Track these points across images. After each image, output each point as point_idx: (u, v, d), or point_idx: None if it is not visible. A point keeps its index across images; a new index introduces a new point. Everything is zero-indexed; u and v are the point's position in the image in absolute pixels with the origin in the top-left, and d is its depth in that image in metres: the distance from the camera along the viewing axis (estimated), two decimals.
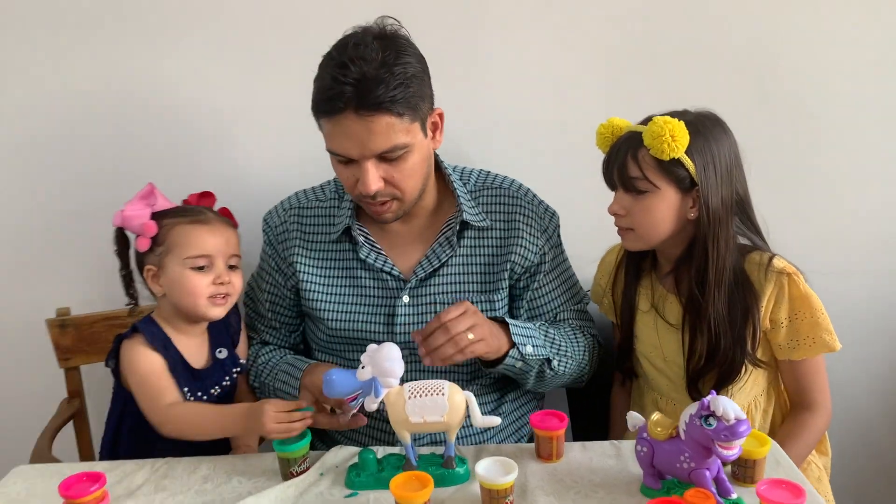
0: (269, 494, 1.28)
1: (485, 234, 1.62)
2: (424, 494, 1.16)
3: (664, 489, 1.24)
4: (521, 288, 1.65)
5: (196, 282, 1.49)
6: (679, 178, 1.45)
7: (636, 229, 1.51)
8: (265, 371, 1.66)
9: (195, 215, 1.53)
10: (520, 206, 1.63)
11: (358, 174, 1.44)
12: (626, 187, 1.49)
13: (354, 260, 1.62)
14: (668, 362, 1.61)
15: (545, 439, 1.35)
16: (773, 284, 1.49)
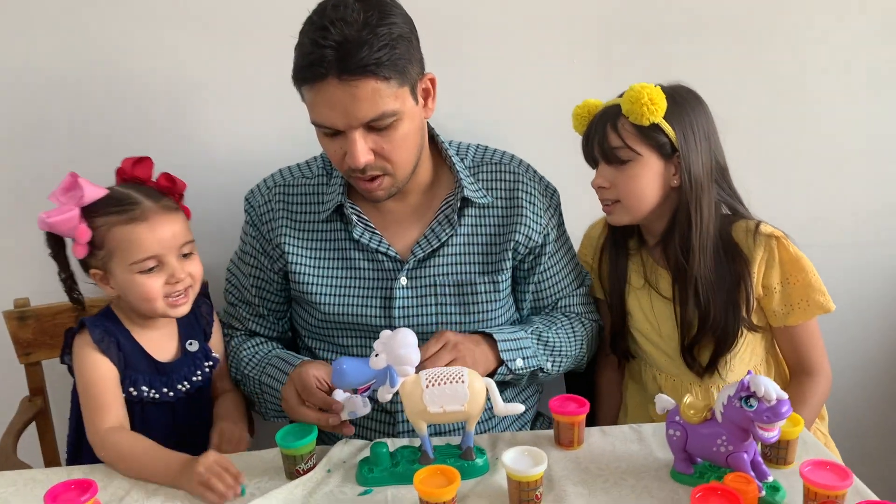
0: (277, 496, 1.19)
1: (486, 212, 1.54)
2: (451, 490, 1.09)
3: (697, 474, 1.19)
4: (526, 270, 1.57)
5: (148, 286, 1.35)
6: (660, 145, 1.45)
7: (623, 200, 1.50)
8: (251, 364, 1.54)
9: (130, 210, 1.34)
10: (521, 183, 1.55)
11: (345, 147, 1.35)
12: (608, 159, 1.48)
13: (347, 240, 1.52)
14: (665, 337, 1.58)
15: (566, 426, 1.29)
16: (763, 249, 1.48)
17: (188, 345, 1.48)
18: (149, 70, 1.80)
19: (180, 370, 1.45)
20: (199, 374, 1.47)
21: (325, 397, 1.30)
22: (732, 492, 1.04)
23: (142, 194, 1.37)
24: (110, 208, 1.34)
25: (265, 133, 1.86)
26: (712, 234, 1.48)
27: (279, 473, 1.26)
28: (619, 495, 1.16)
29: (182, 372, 1.45)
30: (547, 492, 1.16)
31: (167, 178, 1.42)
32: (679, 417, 1.18)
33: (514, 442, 1.31)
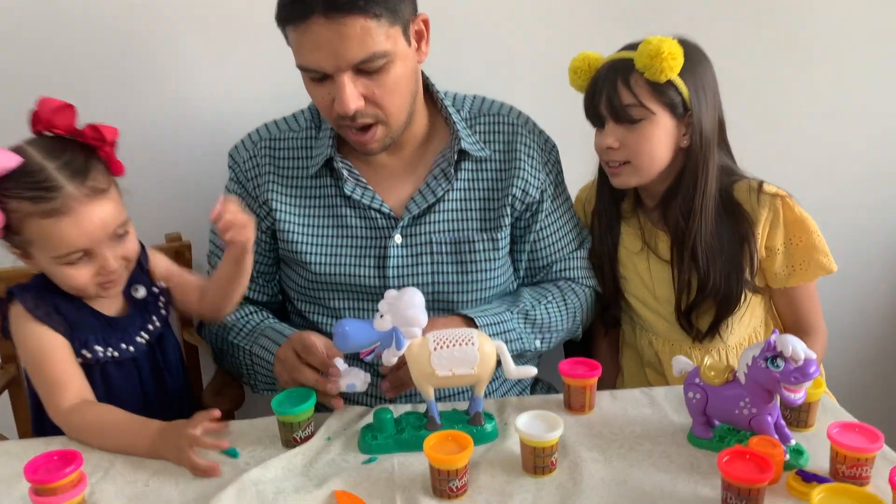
0: (276, 465, 1.11)
1: (484, 166, 1.46)
2: (464, 456, 1.02)
3: (716, 438, 1.14)
4: (522, 229, 1.50)
5: (75, 277, 1.19)
6: (673, 103, 1.39)
7: (633, 161, 1.43)
8: (242, 333, 1.45)
9: (47, 200, 1.12)
10: (520, 136, 1.48)
11: (334, 93, 1.27)
12: (619, 117, 1.40)
13: (338, 197, 1.44)
14: (662, 301, 1.53)
15: (577, 390, 1.23)
16: (768, 209, 1.44)
17: (133, 292, 1.31)
18: (123, 18, 1.68)
19: (134, 322, 1.29)
20: (155, 322, 1.32)
21: (325, 359, 1.22)
22: (762, 456, 0.99)
23: (63, 172, 1.14)
24: (24, 192, 1.12)
25: (249, 86, 1.76)
26: (714, 196, 1.43)
27: (274, 442, 1.19)
28: (636, 460, 1.11)
29: (136, 323, 1.30)
30: (561, 458, 1.11)
31: (93, 129, 1.19)
32: (699, 379, 1.13)
33: (521, 407, 1.25)
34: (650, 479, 1.07)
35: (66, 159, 1.15)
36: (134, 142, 1.72)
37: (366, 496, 1.05)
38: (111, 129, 1.20)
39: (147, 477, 1.11)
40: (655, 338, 1.57)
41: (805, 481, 1.02)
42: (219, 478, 1.10)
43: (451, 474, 1.02)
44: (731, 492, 0.98)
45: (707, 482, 1.06)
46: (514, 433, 1.16)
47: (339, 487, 1.06)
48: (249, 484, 1.06)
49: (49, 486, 0.98)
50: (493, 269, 1.46)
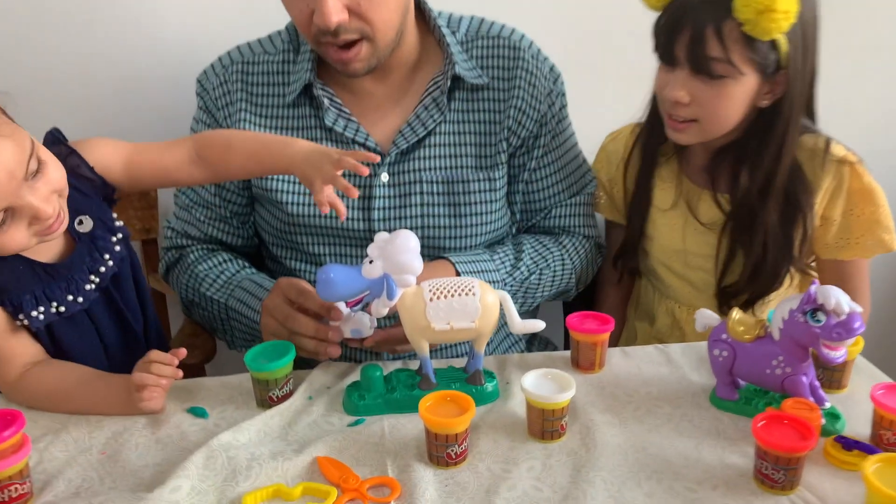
0: (249, 427, 0.98)
1: (480, 95, 1.32)
2: (465, 420, 0.90)
3: (742, 400, 1.03)
4: (517, 167, 1.36)
5: (10, 242, 0.96)
6: (765, 63, 1.17)
7: (702, 121, 1.24)
8: (216, 285, 1.30)
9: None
10: (522, 61, 1.32)
11: (313, 4, 1.12)
12: (698, 68, 1.19)
13: (317, 128, 1.29)
14: (693, 268, 1.39)
15: (587, 346, 1.11)
16: (832, 176, 1.27)
17: (77, 224, 1.06)
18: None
19: (80, 265, 1.05)
20: (107, 260, 1.07)
21: (324, 303, 1.09)
22: (802, 421, 0.88)
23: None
24: None
25: (219, 4, 1.59)
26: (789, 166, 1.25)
27: (248, 402, 1.06)
28: (655, 424, 1.00)
29: (83, 265, 1.05)
30: (571, 421, 0.99)
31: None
32: (726, 335, 1.01)
33: (524, 364, 1.13)
34: (672, 444, 0.95)
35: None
36: (94, 71, 1.59)
37: (352, 463, 0.92)
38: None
39: (103, 443, 0.98)
40: (679, 306, 1.43)
41: (846, 449, 0.91)
42: (185, 442, 0.97)
43: (449, 439, 0.90)
44: (766, 460, 0.86)
45: (735, 448, 0.94)
46: (518, 393, 1.04)
47: (322, 453, 0.93)
48: (219, 449, 0.93)
49: None
50: (489, 213, 1.33)
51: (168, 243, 1.40)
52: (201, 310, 1.34)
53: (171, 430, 1.00)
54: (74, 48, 1.57)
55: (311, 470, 0.91)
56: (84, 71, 1.59)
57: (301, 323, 1.10)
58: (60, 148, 1.06)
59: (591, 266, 1.46)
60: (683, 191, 1.37)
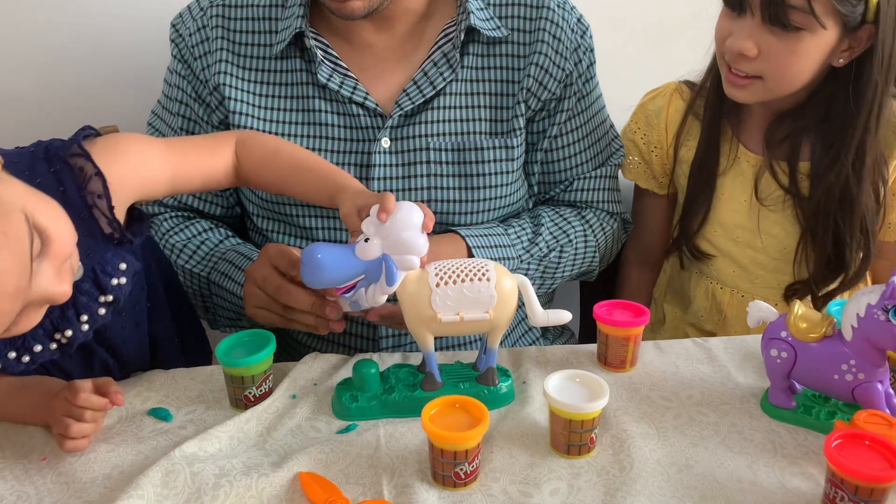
0: (220, 434, 0.83)
1: (497, 50, 1.15)
2: (477, 434, 0.75)
3: (800, 408, 0.87)
4: (536, 133, 1.20)
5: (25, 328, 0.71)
6: (851, 15, 1.02)
7: (768, 79, 1.08)
8: (196, 258, 1.15)
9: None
10: (548, 10, 1.15)
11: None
12: (773, 17, 1.02)
13: (309, 85, 1.13)
14: (740, 243, 1.24)
15: (618, 341, 0.95)
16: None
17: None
18: None
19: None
20: (83, 322, 0.82)
21: None
22: (887, 443, 0.72)
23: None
24: None
25: None
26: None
27: (220, 400, 0.91)
28: (700, 436, 0.84)
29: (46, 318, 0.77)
30: (601, 432, 0.84)
31: None
32: (786, 333, 0.85)
33: (543, 360, 0.98)
34: (721, 463, 0.80)
35: None
36: (59, 16, 1.42)
37: (341, 480, 0.77)
38: None
39: (42, 447, 0.83)
40: (721, 287, 1.28)
41: None
42: (143, 451, 0.81)
43: (458, 456, 0.75)
44: (842, 489, 0.71)
45: (797, 469, 0.80)
46: (537, 396, 0.89)
47: (306, 468, 0.78)
48: (182, 462, 0.77)
49: None
50: (505, 185, 1.17)
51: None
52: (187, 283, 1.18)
53: (126, 434, 0.85)
54: None
55: (291, 489, 0.76)
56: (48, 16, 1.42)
57: (295, 297, 0.94)
58: (85, 165, 0.81)
59: (615, 244, 1.30)
60: (738, 156, 1.21)
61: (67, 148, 0.82)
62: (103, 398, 0.80)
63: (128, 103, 1.43)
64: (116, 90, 1.47)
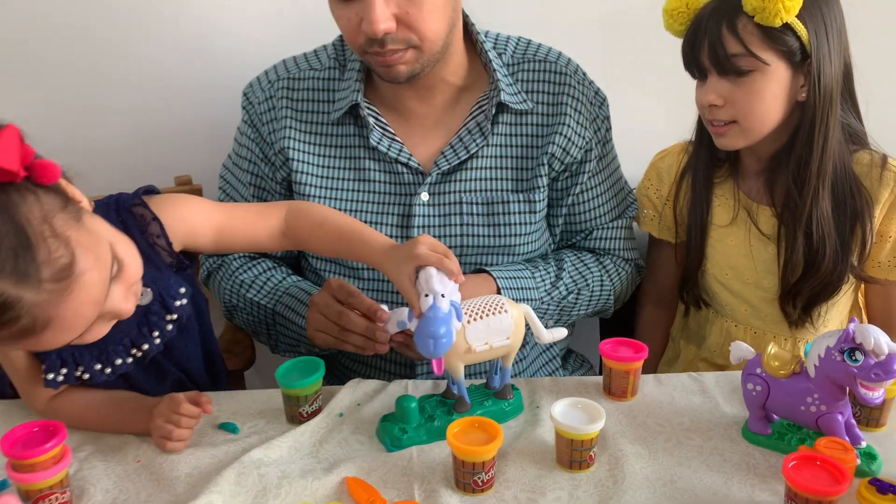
0: (281, 444, 1.00)
1: (524, 120, 1.31)
2: (493, 448, 0.91)
3: (774, 435, 1.01)
4: (559, 191, 1.36)
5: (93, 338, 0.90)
6: (790, 51, 1.18)
7: (741, 121, 1.24)
8: (263, 291, 1.32)
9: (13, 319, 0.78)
10: (568, 87, 1.32)
11: (362, 12, 1.13)
12: (724, 69, 1.20)
13: (361, 147, 1.30)
14: (749, 284, 1.37)
15: (620, 374, 1.10)
16: (890, 190, 1.26)
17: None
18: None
19: (119, 336, 1.00)
20: (155, 337, 1.03)
21: (372, 302, 1.11)
22: (835, 463, 0.86)
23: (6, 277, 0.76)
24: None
25: (267, 17, 1.62)
26: (834, 160, 1.24)
27: (278, 417, 1.08)
28: (685, 457, 0.99)
29: (122, 338, 1.01)
30: (600, 451, 0.99)
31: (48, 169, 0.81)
32: (761, 369, 0.99)
33: (555, 388, 1.13)
34: (700, 479, 0.95)
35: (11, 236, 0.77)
36: (143, 79, 1.63)
37: (380, 485, 0.94)
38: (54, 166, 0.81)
39: (137, 449, 1.01)
40: (735, 325, 1.42)
41: (880, 492, 0.89)
42: (217, 456, 0.99)
43: (476, 467, 0.91)
44: (796, 501, 0.85)
45: (766, 486, 0.93)
46: (547, 420, 1.04)
47: (352, 474, 0.95)
48: (251, 466, 0.95)
49: (27, 463, 0.87)
50: (528, 234, 1.33)
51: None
52: (245, 314, 1.35)
53: (202, 443, 1.02)
54: (124, 55, 1.61)
55: (339, 490, 0.93)
56: (134, 79, 1.63)
57: (352, 321, 1.12)
58: (144, 213, 1.01)
59: (630, 287, 1.46)
60: (740, 206, 1.36)
61: (131, 200, 1.02)
62: (196, 407, 0.98)
63: (200, 156, 1.62)
64: (191, 145, 1.66)
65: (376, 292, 1.32)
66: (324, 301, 1.16)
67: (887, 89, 1.41)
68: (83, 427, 1.04)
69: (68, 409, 1.03)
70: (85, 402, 1.04)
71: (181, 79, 1.65)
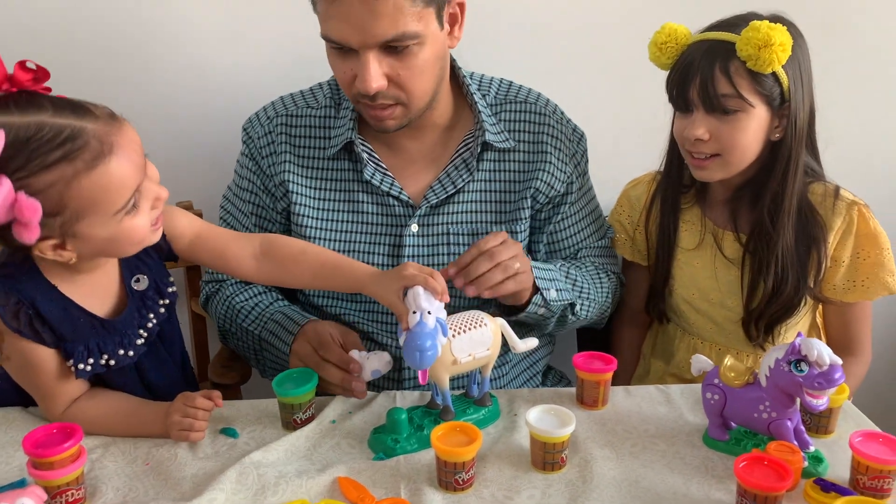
0: (278, 447, 1.09)
1: (507, 157, 1.41)
2: (472, 449, 0.99)
3: (732, 441, 1.10)
4: (542, 220, 1.46)
5: (139, 227, 1.01)
6: (772, 95, 1.29)
7: (724, 155, 1.34)
8: (251, 317, 1.39)
9: (81, 149, 0.92)
10: (548, 126, 1.42)
11: (357, 69, 1.22)
12: (712, 107, 1.30)
13: (355, 181, 1.39)
14: (714, 304, 1.47)
15: (591, 384, 1.19)
16: (843, 218, 1.37)
17: (134, 282, 1.13)
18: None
19: (131, 321, 1.12)
20: (151, 320, 1.14)
21: (343, 354, 1.20)
22: (780, 462, 0.96)
23: (65, 115, 0.93)
24: (48, 157, 0.90)
25: (267, 52, 1.72)
26: (797, 196, 1.35)
27: (275, 423, 1.16)
28: (649, 460, 1.08)
29: (134, 322, 1.13)
30: (572, 455, 1.08)
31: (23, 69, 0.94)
32: (718, 380, 1.09)
33: (533, 399, 1.22)
34: (663, 479, 1.04)
35: (51, 106, 0.93)
36: (145, 107, 1.70)
37: (369, 484, 1.02)
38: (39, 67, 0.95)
39: (146, 453, 1.09)
40: (701, 342, 1.52)
41: (823, 491, 0.98)
42: (219, 458, 1.07)
43: (457, 466, 0.99)
44: (746, 498, 0.94)
45: (721, 486, 1.02)
46: (524, 427, 1.13)
47: (343, 474, 1.03)
48: (251, 466, 1.03)
49: (47, 460, 0.95)
50: None
51: (208, 277, 1.51)
52: (236, 339, 1.43)
53: (205, 446, 1.10)
54: (129, 86, 1.70)
55: (332, 489, 1.01)
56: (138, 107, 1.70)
57: (329, 373, 1.20)
58: None
59: (616, 296, 1.55)
60: (706, 231, 1.46)
61: None
62: (210, 401, 1.09)
63: (201, 182, 1.71)
64: (193, 172, 1.75)
65: (369, 312, 1.40)
66: (303, 351, 1.25)
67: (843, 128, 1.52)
68: (98, 432, 1.12)
69: (84, 416, 1.09)
70: (100, 410, 1.12)
71: (182, 108, 1.73)
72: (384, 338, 1.40)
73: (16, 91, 0.94)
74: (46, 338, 1.04)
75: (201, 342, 1.74)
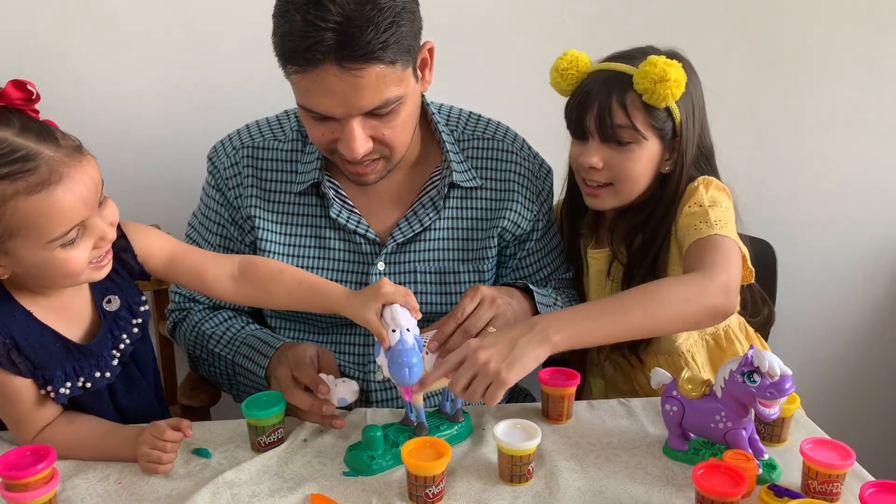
0: (250, 467, 1.11)
1: (474, 195, 1.41)
2: (441, 464, 1.02)
3: (691, 450, 1.15)
4: (507, 255, 1.48)
5: (74, 260, 1.01)
6: (664, 129, 1.34)
7: (616, 184, 1.37)
8: (222, 342, 1.39)
9: (28, 171, 0.94)
10: (514, 164, 1.43)
11: (337, 132, 1.20)
12: (607, 137, 1.34)
13: (322, 217, 1.38)
14: None
15: (556, 399, 1.23)
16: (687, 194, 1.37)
17: (105, 303, 1.14)
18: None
19: (105, 343, 1.12)
20: (125, 340, 1.15)
21: (315, 375, 1.20)
22: (736, 469, 1.00)
23: (27, 136, 0.96)
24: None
25: (233, 76, 1.75)
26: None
27: (245, 443, 1.18)
28: (612, 471, 1.12)
29: (108, 343, 1.13)
30: (538, 467, 1.11)
31: (17, 86, 0.98)
32: (676, 392, 1.13)
33: (500, 414, 1.25)
34: (625, 489, 1.07)
35: (19, 124, 0.96)
36: (113, 130, 1.72)
37: (342, 500, 1.04)
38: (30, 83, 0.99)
39: (118, 473, 1.10)
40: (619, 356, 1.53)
41: (777, 496, 1.02)
42: (192, 478, 1.09)
43: (427, 480, 1.02)
44: (704, 503, 0.98)
45: (681, 494, 1.06)
46: (492, 441, 1.16)
47: (315, 491, 1.05)
48: (224, 486, 1.05)
49: (20, 483, 0.96)
50: None
51: (173, 306, 1.49)
52: (208, 365, 1.42)
53: (178, 467, 1.11)
54: (94, 108, 1.71)
55: None
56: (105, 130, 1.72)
57: (297, 398, 1.20)
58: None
59: None
60: (597, 255, 1.50)
61: None
62: (179, 432, 1.09)
63: (174, 205, 1.72)
64: (159, 195, 1.77)
65: (338, 344, 1.41)
66: (281, 374, 1.24)
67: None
68: (69, 457, 1.12)
69: (55, 441, 1.08)
70: (69, 434, 1.12)
71: (149, 131, 1.76)
72: (353, 371, 1.40)
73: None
74: (23, 367, 1.05)
75: (169, 365, 1.75)
